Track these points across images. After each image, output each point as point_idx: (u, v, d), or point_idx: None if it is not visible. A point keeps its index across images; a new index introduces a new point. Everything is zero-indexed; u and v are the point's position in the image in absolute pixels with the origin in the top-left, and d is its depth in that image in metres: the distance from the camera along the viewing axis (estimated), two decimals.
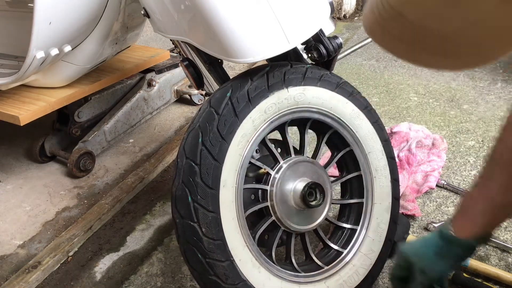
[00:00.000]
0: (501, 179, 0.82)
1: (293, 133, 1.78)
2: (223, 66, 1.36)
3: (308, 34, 1.17)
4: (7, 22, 2.01)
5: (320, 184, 1.15)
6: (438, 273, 0.92)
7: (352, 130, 1.25)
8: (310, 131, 1.28)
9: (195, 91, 2.37)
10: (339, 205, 1.38)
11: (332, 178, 1.31)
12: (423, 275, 0.92)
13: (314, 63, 1.31)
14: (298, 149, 1.26)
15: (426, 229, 1.56)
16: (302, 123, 1.25)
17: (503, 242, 1.48)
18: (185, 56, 1.39)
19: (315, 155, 1.28)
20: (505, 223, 1.58)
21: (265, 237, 1.21)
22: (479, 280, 1.32)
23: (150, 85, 2.21)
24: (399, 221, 1.34)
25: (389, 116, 2.26)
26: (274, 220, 1.14)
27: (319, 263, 1.21)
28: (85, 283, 1.43)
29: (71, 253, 1.54)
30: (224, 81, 1.31)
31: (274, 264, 1.13)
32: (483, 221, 0.87)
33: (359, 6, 3.97)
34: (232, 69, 2.72)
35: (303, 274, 1.17)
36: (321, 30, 1.27)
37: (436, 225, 1.55)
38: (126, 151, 2.08)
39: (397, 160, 1.64)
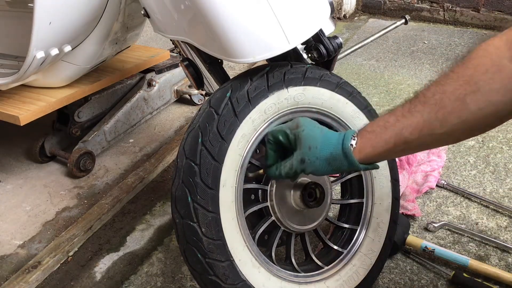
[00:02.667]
0: (419, 117, 0.85)
1: None
2: (223, 66, 1.36)
3: (308, 34, 1.17)
4: (7, 22, 2.01)
5: (320, 184, 1.15)
6: (315, 170, 0.96)
7: None
8: None
9: (195, 91, 2.37)
10: (339, 205, 1.38)
11: (332, 178, 1.31)
12: (301, 163, 0.97)
13: (314, 63, 1.31)
14: None
15: (426, 229, 1.56)
16: None
17: (503, 242, 1.49)
18: (185, 56, 1.39)
19: None
20: (505, 223, 1.58)
21: (265, 237, 1.21)
22: (479, 280, 1.32)
23: (150, 85, 2.21)
24: (399, 221, 1.34)
25: None
26: (274, 220, 1.14)
27: (319, 263, 1.21)
28: (85, 283, 1.43)
29: (71, 253, 1.54)
30: (224, 81, 1.31)
31: (274, 264, 1.13)
32: (381, 150, 0.91)
33: (359, 6, 3.97)
34: (232, 69, 2.72)
35: (303, 274, 1.17)
36: (321, 30, 1.27)
37: (436, 225, 1.55)
38: (126, 151, 2.08)
39: (397, 160, 1.64)
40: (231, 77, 1.26)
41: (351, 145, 0.93)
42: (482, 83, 0.77)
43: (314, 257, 1.22)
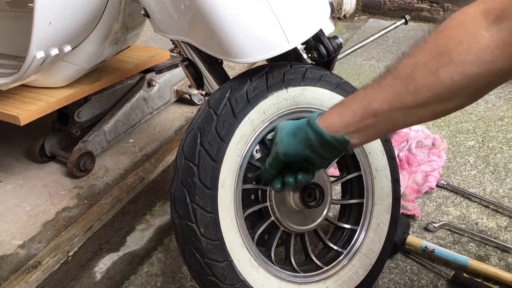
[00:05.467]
0: (389, 90, 0.82)
1: None
2: (223, 66, 1.36)
3: (308, 34, 1.17)
4: (7, 22, 2.01)
5: (319, 184, 1.15)
6: (285, 147, 0.93)
7: None
8: None
9: (195, 91, 2.37)
10: (339, 205, 1.38)
11: (333, 178, 1.30)
12: (275, 145, 0.96)
13: (314, 63, 1.30)
14: None
15: (426, 229, 1.56)
16: None
17: (503, 242, 1.48)
18: (185, 56, 1.39)
19: None
20: (505, 223, 1.58)
21: (265, 237, 1.20)
22: (479, 280, 1.32)
23: (150, 85, 2.21)
24: (399, 221, 1.34)
25: None
26: (273, 220, 1.14)
27: (319, 263, 1.21)
28: (85, 283, 1.43)
29: (71, 253, 1.54)
30: (224, 81, 1.30)
31: (273, 264, 1.13)
32: (347, 121, 0.87)
33: (359, 6, 3.97)
34: (232, 69, 2.72)
35: (302, 274, 1.17)
36: (321, 30, 1.26)
37: (436, 225, 1.55)
38: (126, 151, 2.08)
39: (397, 160, 1.64)
40: (231, 77, 1.26)
41: (318, 116, 0.91)
42: (456, 54, 0.74)
43: (313, 257, 1.21)
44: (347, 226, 1.29)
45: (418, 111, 0.81)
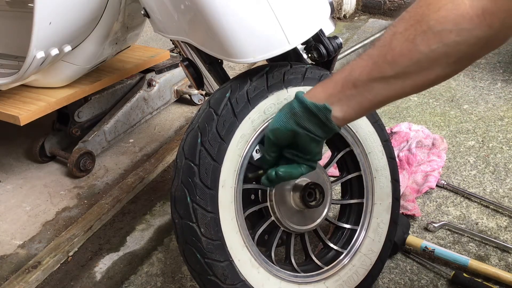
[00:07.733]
0: (367, 59, 0.82)
1: None
2: (223, 66, 1.36)
3: (308, 34, 1.17)
4: (7, 22, 2.01)
5: (319, 184, 1.15)
6: (273, 122, 0.95)
7: (352, 130, 1.25)
8: None
9: (195, 91, 2.38)
10: (339, 205, 1.38)
11: (332, 178, 1.31)
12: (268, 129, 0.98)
13: (314, 63, 1.31)
14: None
15: (426, 229, 1.56)
16: None
17: (503, 242, 1.48)
18: (185, 56, 1.39)
19: None
20: (505, 223, 1.58)
21: (265, 237, 1.20)
22: (479, 280, 1.32)
23: (150, 85, 2.22)
24: (399, 221, 1.34)
25: (389, 116, 2.26)
26: (273, 220, 1.14)
27: (319, 263, 1.21)
28: (85, 283, 1.43)
29: (71, 253, 1.54)
30: (224, 81, 1.30)
31: (274, 264, 1.13)
32: (330, 92, 0.88)
33: (359, 6, 3.97)
34: (232, 69, 2.72)
35: (302, 274, 1.17)
36: (321, 30, 1.26)
37: (436, 225, 1.55)
38: (126, 151, 2.08)
39: (397, 160, 1.64)
40: (231, 77, 1.26)
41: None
42: (434, 22, 0.72)
43: (313, 257, 1.21)
44: (347, 226, 1.29)
45: (398, 82, 0.80)
